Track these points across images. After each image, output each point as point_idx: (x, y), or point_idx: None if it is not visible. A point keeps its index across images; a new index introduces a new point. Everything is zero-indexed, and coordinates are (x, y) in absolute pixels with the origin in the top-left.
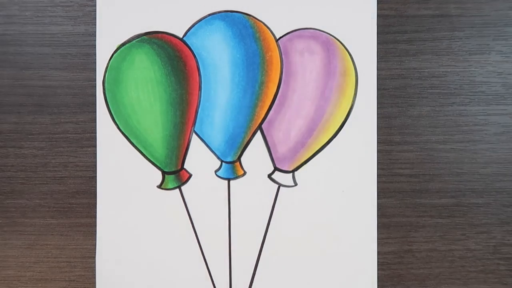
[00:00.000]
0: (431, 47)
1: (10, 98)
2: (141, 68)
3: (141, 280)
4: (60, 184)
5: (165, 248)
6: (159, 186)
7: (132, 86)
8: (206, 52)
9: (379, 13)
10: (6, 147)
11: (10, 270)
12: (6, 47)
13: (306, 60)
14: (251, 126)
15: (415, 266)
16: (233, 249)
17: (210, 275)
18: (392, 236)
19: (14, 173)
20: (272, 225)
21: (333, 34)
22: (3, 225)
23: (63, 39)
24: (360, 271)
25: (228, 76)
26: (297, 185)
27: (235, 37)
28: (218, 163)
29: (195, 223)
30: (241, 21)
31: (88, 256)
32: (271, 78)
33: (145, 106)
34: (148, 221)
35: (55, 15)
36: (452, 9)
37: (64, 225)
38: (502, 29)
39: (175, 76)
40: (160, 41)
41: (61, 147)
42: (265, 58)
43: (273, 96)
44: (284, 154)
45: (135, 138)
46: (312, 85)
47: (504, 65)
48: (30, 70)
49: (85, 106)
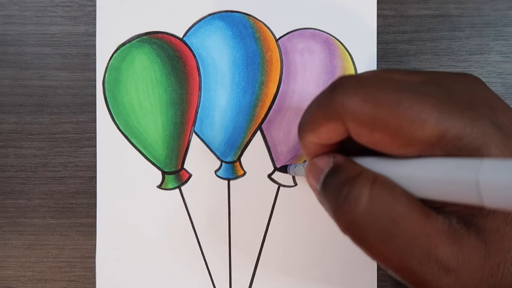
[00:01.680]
0: (431, 47)
1: (10, 98)
2: (141, 68)
3: (141, 280)
4: (60, 184)
5: (165, 248)
6: (159, 186)
7: (132, 86)
8: (206, 52)
9: (379, 13)
10: (6, 147)
11: (10, 270)
12: (6, 47)
13: (306, 60)
14: (251, 126)
15: None
16: (233, 249)
17: (210, 275)
18: None
19: (14, 173)
20: (272, 225)
21: (333, 34)
22: (3, 225)
23: (63, 39)
24: (360, 271)
25: (228, 76)
26: (297, 185)
27: (235, 37)
28: (218, 163)
29: (195, 223)
30: (241, 21)
31: (88, 256)
32: (271, 78)
33: (145, 106)
34: (148, 221)
35: (55, 15)
36: (452, 9)
37: (64, 225)
38: (502, 29)
39: (175, 76)
40: (160, 41)
41: (61, 147)
42: (265, 58)
43: (273, 96)
44: (284, 154)
45: (135, 138)
46: (312, 85)
47: (504, 65)
48: (30, 70)
49: (85, 106)
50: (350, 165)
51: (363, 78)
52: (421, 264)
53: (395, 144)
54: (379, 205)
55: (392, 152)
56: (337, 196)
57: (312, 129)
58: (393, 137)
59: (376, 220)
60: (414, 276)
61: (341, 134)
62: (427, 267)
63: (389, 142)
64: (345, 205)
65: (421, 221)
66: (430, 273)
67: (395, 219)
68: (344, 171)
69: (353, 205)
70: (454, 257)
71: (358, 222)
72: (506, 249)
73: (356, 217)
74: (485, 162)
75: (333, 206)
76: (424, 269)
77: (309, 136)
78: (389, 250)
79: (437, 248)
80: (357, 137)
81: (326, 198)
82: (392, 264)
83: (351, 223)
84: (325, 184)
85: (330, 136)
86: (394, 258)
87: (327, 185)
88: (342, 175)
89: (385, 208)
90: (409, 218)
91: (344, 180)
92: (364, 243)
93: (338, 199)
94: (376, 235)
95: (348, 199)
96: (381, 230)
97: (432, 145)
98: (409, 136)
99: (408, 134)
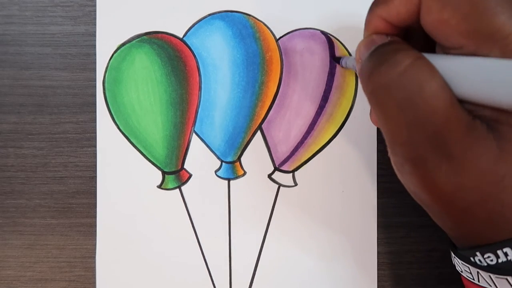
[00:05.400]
0: None
1: (10, 98)
2: (141, 68)
3: (141, 280)
4: (60, 184)
5: (165, 248)
6: (159, 186)
7: (132, 86)
8: (206, 52)
9: None
10: (6, 147)
11: (10, 270)
12: (6, 47)
13: (306, 60)
14: (251, 126)
15: (415, 266)
16: (233, 249)
17: (210, 275)
18: (392, 236)
19: (14, 173)
20: (272, 225)
21: (333, 34)
22: (3, 225)
23: (63, 39)
24: (360, 271)
25: (228, 76)
26: (297, 185)
27: (235, 37)
28: (218, 163)
29: (195, 223)
30: (241, 21)
31: (88, 256)
32: (271, 78)
33: (145, 106)
34: (148, 221)
35: (55, 15)
36: None
37: (64, 225)
38: None
39: (175, 76)
40: (160, 41)
41: (61, 147)
42: (265, 58)
43: (273, 96)
44: (284, 154)
45: (135, 138)
46: (312, 85)
47: None
48: (30, 70)
49: (85, 106)
50: (404, 44)
51: None
52: (425, 145)
53: (459, 29)
54: (415, 75)
55: (451, 42)
56: (380, 59)
57: (385, 0)
58: (460, 20)
59: (405, 87)
60: (415, 155)
61: (412, 10)
62: (431, 148)
63: (453, 26)
64: (384, 65)
65: (445, 104)
66: (432, 154)
67: (422, 93)
68: (396, 44)
69: (392, 67)
70: (462, 149)
71: (389, 84)
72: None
73: (389, 79)
74: None
75: (371, 68)
76: (428, 149)
77: (380, 7)
78: (403, 120)
79: (450, 133)
80: (426, 13)
81: (369, 63)
82: (399, 136)
83: (382, 84)
84: (373, 52)
85: (400, 11)
86: (404, 131)
87: (375, 52)
88: (393, 46)
89: (419, 80)
90: (435, 99)
91: (393, 49)
92: (384, 107)
93: (379, 60)
94: (399, 102)
95: (388, 61)
96: (406, 99)
97: (494, 41)
98: (475, 23)
99: (476, 21)
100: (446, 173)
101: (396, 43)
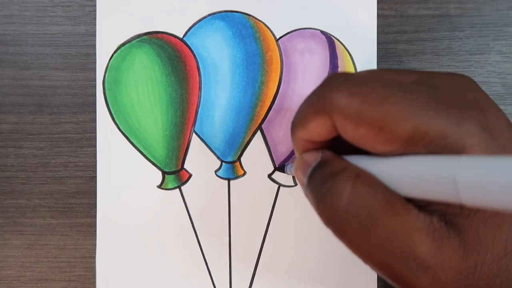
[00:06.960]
0: (431, 47)
1: (10, 98)
2: (141, 68)
3: (141, 280)
4: (60, 184)
5: (165, 248)
6: (159, 186)
7: (132, 86)
8: (206, 52)
9: (379, 13)
10: (6, 147)
11: (10, 270)
12: (6, 47)
13: (306, 60)
14: (251, 126)
15: None
16: (233, 249)
17: (210, 275)
18: None
19: (14, 173)
20: (272, 225)
21: (333, 34)
22: (3, 225)
23: (63, 39)
24: (360, 271)
25: (228, 76)
26: (297, 185)
27: (235, 37)
28: (218, 163)
29: (195, 223)
30: (241, 21)
31: (88, 256)
32: (271, 78)
33: (145, 106)
34: (148, 221)
35: (55, 15)
36: (452, 9)
37: (64, 225)
38: (502, 29)
39: (175, 76)
40: (160, 41)
41: (61, 147)
42: (265, 58)
43: (273, 96)
44: (284, 154)
45: (135, 138)
46: (312, 85)
47: (504, 65)
48: (30, 70)
49: (85, 106)
50: (336, 160)
51: (353, 75)
52: (400, 261)
53: (379, 139)
54: (360, 200)
55: (377, 149)
56: (321, 189)
57: (302, 124)
58: (377, 133)
59: (356, 215)
60: (393, 272)
61: (329, 130)
62: (405, 264)
63: (373, 138)
64: (328, 198)
65: (401, 217)
66: (409, 270)
67: (374, 214)
68: (329, 165)
69: (335, 198)
70: (433, 256)
71: (339, 216)
72: (484, 251)
73: (338, 211)
74: (463, 159)
75: (316, 199)
76: (403, 266)
77: (299, 131)
78: (368, 245)
79: (416, 246)
80: (343, 132)
81: (311, 191)
82: (371, 259)
83: (332, 216)
84: (311, 178)
85: (319, 132)
86: (373, 254)
87: (313, 179)
88: (327, 169)
89: (366, 204)
90: (389, 214)
91: (329, 174)
92: (345, 237)
93: (321, 192)
94: (356, 229)
95: (330, 192)
96: (361, 225)
97: (415, 142)
98: (392, 132)
99: (392, 130)
100: (426, 282)
101: (329, 163)
